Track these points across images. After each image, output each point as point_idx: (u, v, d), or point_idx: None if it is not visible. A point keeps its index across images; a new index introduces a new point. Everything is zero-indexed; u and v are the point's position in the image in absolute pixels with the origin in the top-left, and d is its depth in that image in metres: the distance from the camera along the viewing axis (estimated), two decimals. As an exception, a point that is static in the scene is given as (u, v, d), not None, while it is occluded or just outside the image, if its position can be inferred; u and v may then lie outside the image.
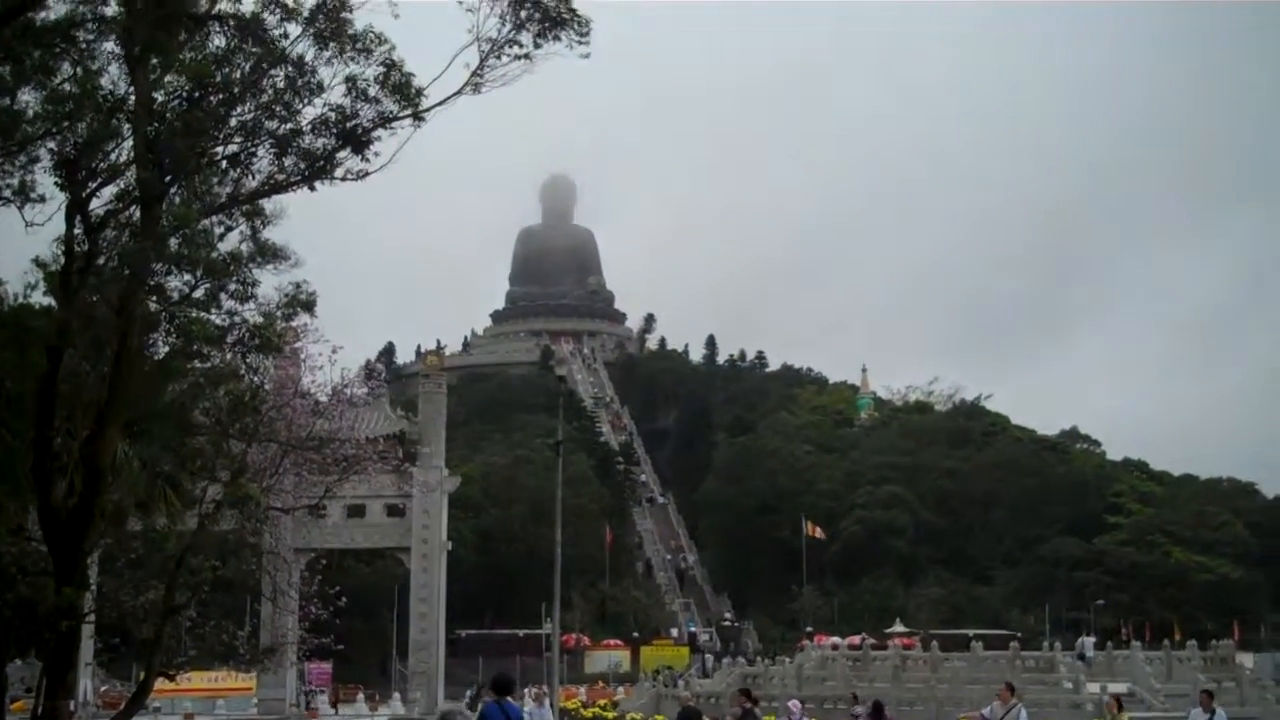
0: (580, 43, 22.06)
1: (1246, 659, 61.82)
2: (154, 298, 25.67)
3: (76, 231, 24.97)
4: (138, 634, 30.82)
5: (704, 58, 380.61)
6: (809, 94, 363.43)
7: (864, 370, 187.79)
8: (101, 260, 25.52)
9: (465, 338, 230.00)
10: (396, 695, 63.14)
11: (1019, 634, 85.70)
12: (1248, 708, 41.39)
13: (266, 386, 28.95)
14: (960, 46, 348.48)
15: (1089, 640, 65.53)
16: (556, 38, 21.82)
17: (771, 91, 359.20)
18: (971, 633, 77.30)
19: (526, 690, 34.50)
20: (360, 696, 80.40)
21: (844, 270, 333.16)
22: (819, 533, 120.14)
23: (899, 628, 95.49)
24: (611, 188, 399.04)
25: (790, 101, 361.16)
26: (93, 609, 29.65)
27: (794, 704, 28.21)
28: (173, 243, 24.65)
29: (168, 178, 23.98)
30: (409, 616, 48.04)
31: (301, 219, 28.41)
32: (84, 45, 22.94)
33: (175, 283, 25.82)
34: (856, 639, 72.25)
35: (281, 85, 23.80)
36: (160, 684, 34.59)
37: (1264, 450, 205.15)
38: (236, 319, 26.17)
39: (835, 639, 77.16)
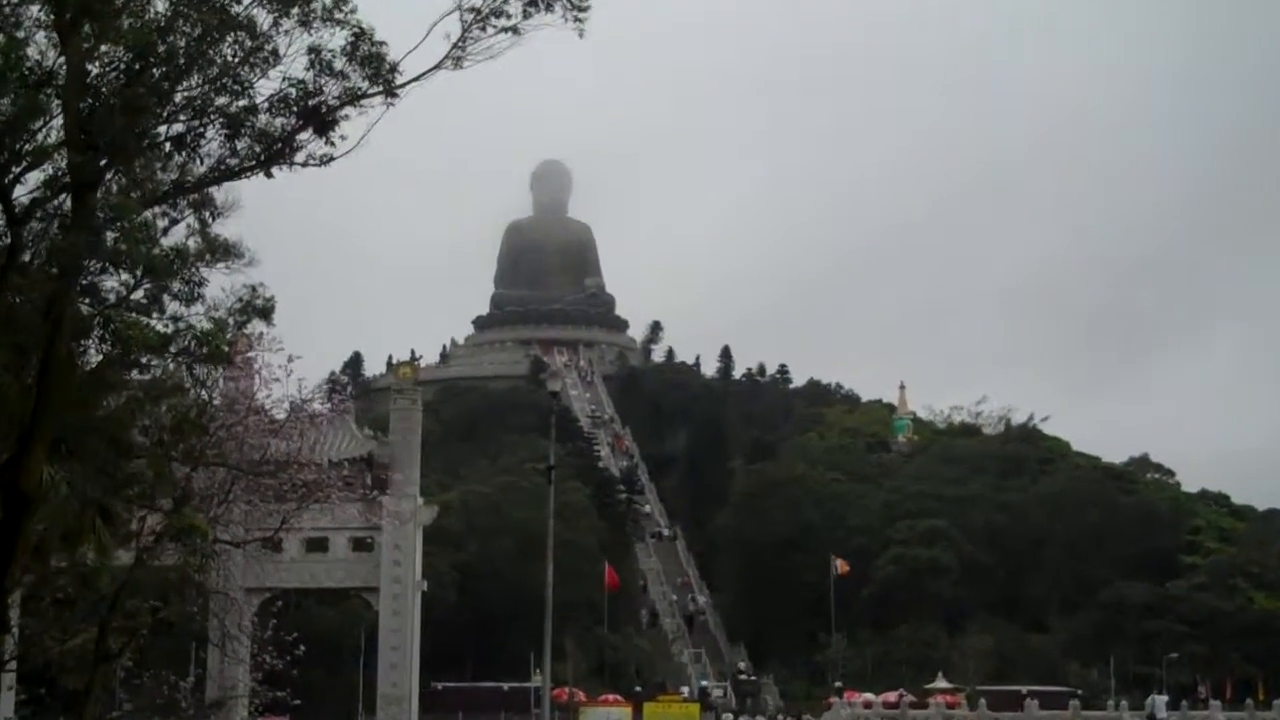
0: (578, 15, 22.06)
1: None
2: (87, 299, 25.70)
3: (-2, 223, 25.01)
4: (65, 684, 30.91)
5: (723, 30, 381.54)
6: (853, 76, 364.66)
7: (902, 387, 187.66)
8: (27, 256, 25.55)
9: (444, 347, 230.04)
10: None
11: (1079, 691, 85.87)
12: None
13: (215, 402, 29.02)
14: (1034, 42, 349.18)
15: (1160, 699, 65.54)
16: (549, 7, 21.84)
17: (805, 70, 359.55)
18: (1025, 689, 77.38)
19: None
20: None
21: (881, 275, 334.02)
22: (848, 570, 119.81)
23: (942, 683, 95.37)
24: (612, 177, 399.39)
25: (829, 85, 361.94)
26: (14, 655, 29.67)
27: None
28: (109, 236, 24.67)
29: (103, 162, 24.00)
30: (378, 667, 47.94)
31: (257, 211, 28.50)
32: (7, 10, 23.01)
33: (111, 282, 25.87)
34: (893, 696, 72.34)
35: (233, 56, 23.86)
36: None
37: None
38: (181, 325, 26.21)
39: (868, 696, 77.25)
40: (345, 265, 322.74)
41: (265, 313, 27.07)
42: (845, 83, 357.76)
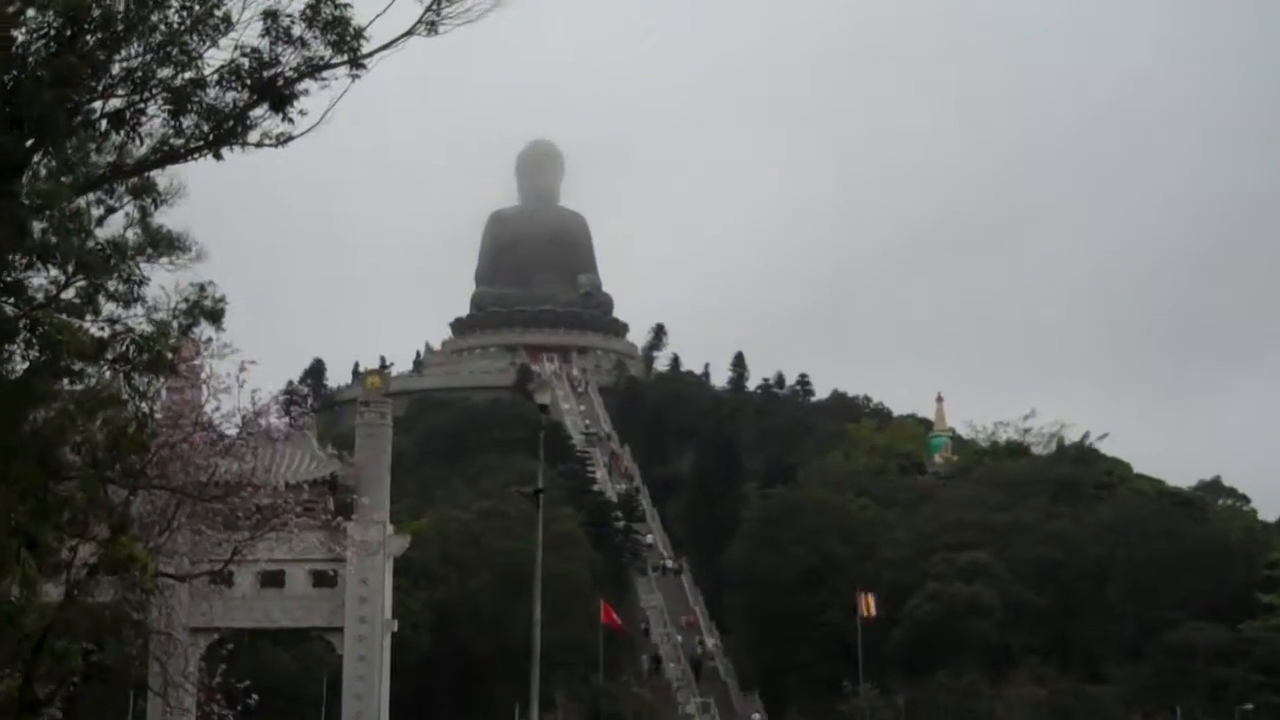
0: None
1: None
2: (11, 298, 25.71)
3: (-90, 211, 25.03)
4: (-15, 738, 30.90)
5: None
6: (894, 51, 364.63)
7: (939, 400, 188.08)
8: (-58, 249, 25.57)
9: (417, 354, 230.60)
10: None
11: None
12: None
13: (157, 415, 29.02)
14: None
15: (1233, 756, 65.66)
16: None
17: (843, 43, 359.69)
18: (1079, 745, 77.24)
19: None
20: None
21: (917, 277, 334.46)
22: (873, 609, 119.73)
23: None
24: (611, 161, 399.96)
25: (866, 62, 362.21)
26: (-73, 705, 29.68)
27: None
28: (36, 227, 24.69)
29: (30, 142, 24.02)
30: (341, 719, 47.99)
31: (205, 199, 28.54)
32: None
33: (39, 279, 25.91)
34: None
35: (179, 22, 23.88)
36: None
37: None
38: (119, 328, 26.24)
39: (901, 753, 77.20)
40: (306, 261, 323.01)
41: (214, 314, 27.10)
42: (885, 59, 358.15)
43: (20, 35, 23.37)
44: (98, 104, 24.71)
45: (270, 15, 23.62)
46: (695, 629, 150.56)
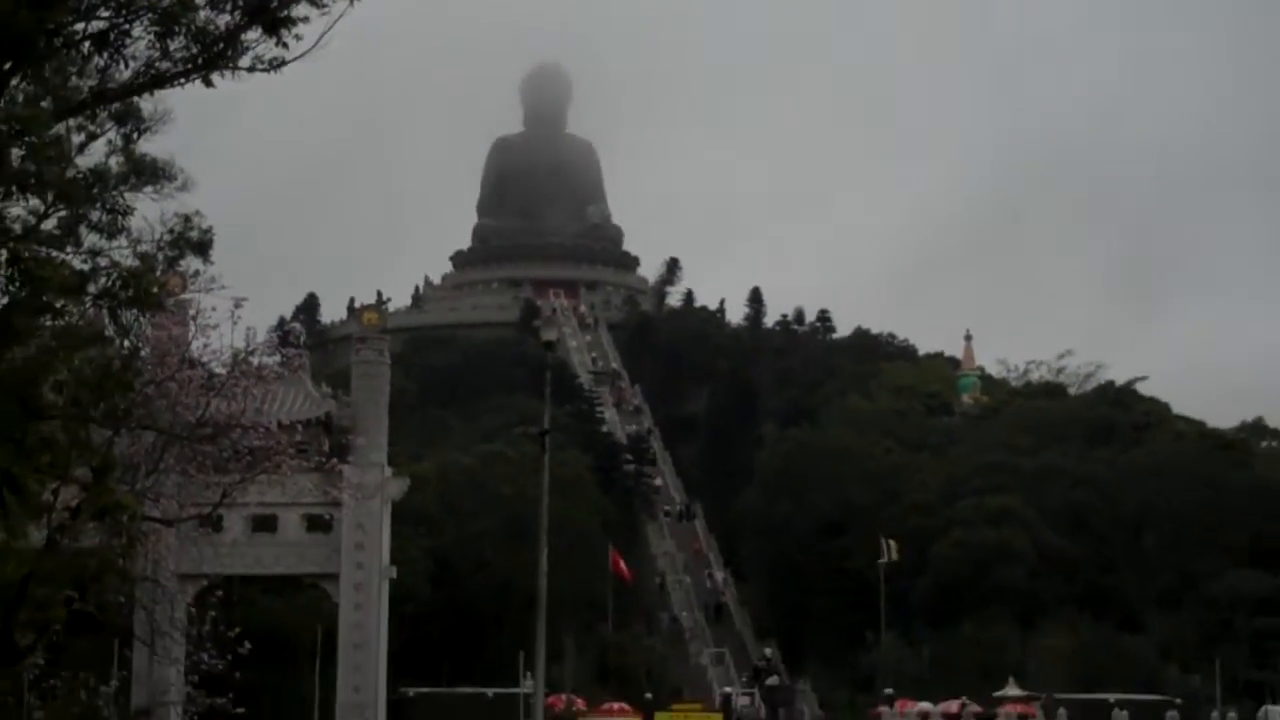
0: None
1: None
2: (-12, 230, 25.88)
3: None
4: (-35, 688, 31.26)
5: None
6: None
7: (968, 338, 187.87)
8: (-83, 178, 25.74)
9: (416, 288, 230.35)
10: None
11: (1178, 700, 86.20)
12: None
13: (143, 353, 29.22)
14: None
15: (1275, 709, 65.99)
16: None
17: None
18: (1113, 698, 77.73)
19: None
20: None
21: (940, 200, 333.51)
22: (897, 555, 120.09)
23: (1013, 690, 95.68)
24: (623, 84, 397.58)
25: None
26: (-95, 653, 30.02)
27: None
28: (14, 154, 24.83)
29: (7, 65, 24.12)
30: (337, 669, 48.37)
31: (191, 125, 28.66)
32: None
33: (17, 210, 26.08)
34: (954, 705, 72.76)
35: (164, -60, 23.93)
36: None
37: None
38: (102, 261, 26.41)
39: (925, 705, 77.73)
40: (299, 191, 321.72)
41: (202, 247, 27.25)
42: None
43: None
44: (80, 25, 24.78)
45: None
46: (704, 559, 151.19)
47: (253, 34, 25.41)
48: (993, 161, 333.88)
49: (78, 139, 26.50)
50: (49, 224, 26.06)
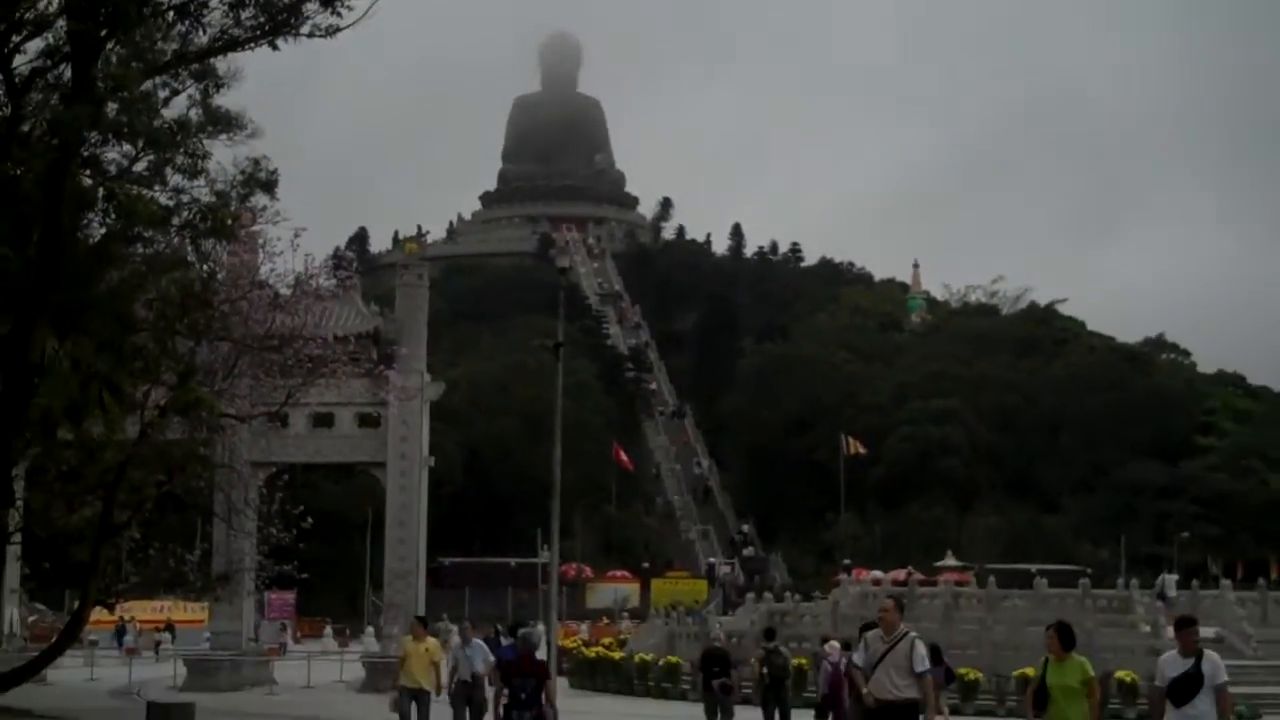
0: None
1: (1354, 602, 62.19)
2: (88, 171, 25.76)
3: (-2, 92, 25.01)
4: (71, 556, 31.32)
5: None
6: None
7: (916, 266, 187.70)
8: (27, 127, 25.58)
9: (450, 223, 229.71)
10: (369, 629, 64.01)
11: (1089, 570, 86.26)
12: (1354, 656, 41.82)
13: (219, 276, 29.17)
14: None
15: (1171, 578, 65.98)
16: None
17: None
18: (1035, 568, 77.89)
19: (454, 628, 34.60)
20: (327, 631, 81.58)
21: (893, 146, 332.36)
22: (859, 449, 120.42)
23: (951, 561, 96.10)
24: (626, 50, 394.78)
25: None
26: (19, 527, 30.09)
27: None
28: (110, 107, 24.67)
29: (104, 31, 23.92)
30: (385, 541, 48.45)
31: (260, 82, 28.48)
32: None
33: (113, 154, 25.97)
34: (902, 573, 72.95)
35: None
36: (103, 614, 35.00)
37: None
38: (184, 198, 26.33)
39: (877, 573, 78.03)
40: (351, 140, 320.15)
41: (268, 186, 27.16)
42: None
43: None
44: (164, -2, 24.64)
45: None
46: (692, 451, 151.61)
47: (312, 5, 25.26)
48: (961, 117, 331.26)
49: (163, 94, 26.35)
50: (139, 166, 25.95)
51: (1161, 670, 14.54)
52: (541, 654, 19.80)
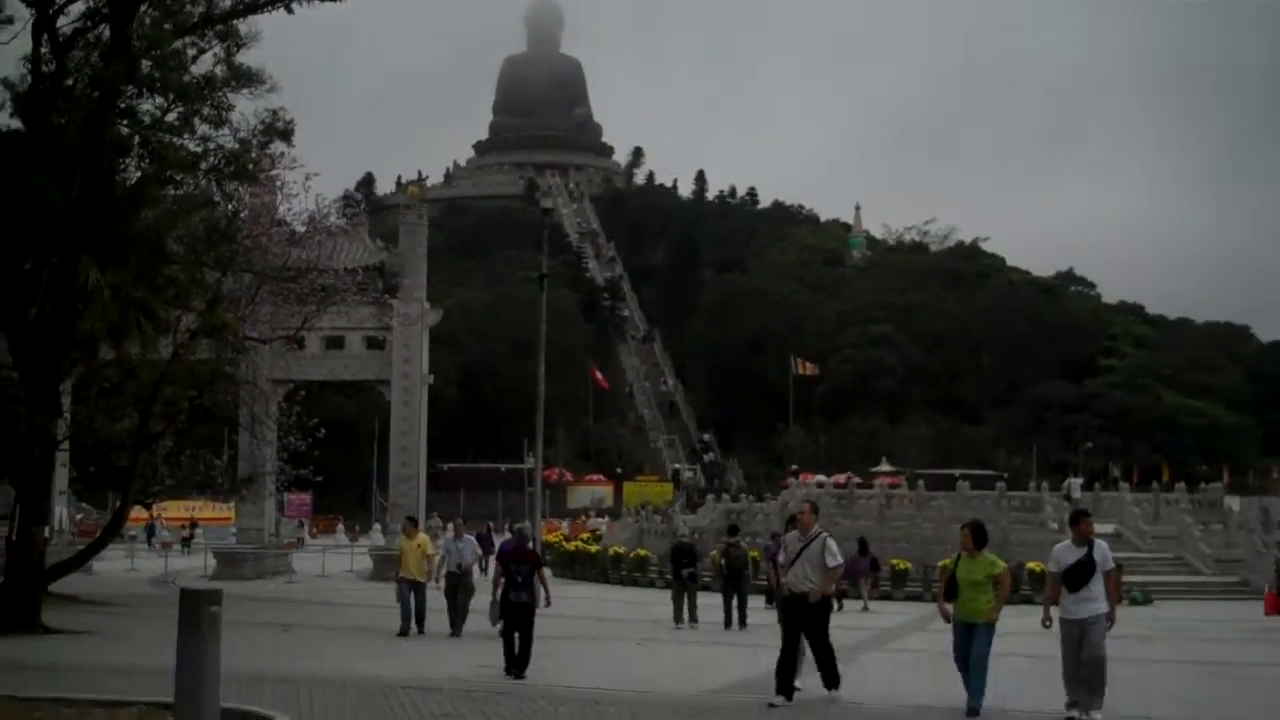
0: None
1: (1234, 503, 62.75)
2: (125, 121, 25.55)
3: (43, 51, 24.74)
4: (113, 462, 31.30)
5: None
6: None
7: (857, 209, 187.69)
8: (70, 81, 25.34)
9: (447, 170, 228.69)
10: (377, 526, 64.20)
11: (1005, 475, 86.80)
12: (1233, 550, 42.25)
13: (242, 214, 29.00)
14: None
15: (1076, 482, 66.63)
16: None
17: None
18: (958, 472, 78.12)
19: (448, 524, 34.69)
20: (340, 528, 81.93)
21: (842, 101, 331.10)
22: (810, 369, 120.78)
23: (885, 467, 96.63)
24: (603, 13, 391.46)
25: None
26: (67, 436, 30.04)
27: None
28: (144, 64, 24.44)
29: (137, -4, 23.63)
30: (390, 450, 48.42)
31: (276, 42, 28.19)
32: None
33: (147, 106, 25.75)
34: (842, 478, 73.29)
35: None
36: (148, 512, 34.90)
37: (1262, 294, 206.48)
38: (211, 145, 26.15)
39: (820, 477, 78.18)
40: (358, 96, 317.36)
41: (286, 134, 26.95)
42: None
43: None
44: (191, -35, 24.37)
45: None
46: (660, 371, 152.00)
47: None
48: (908, 73, 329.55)
49: (191, 53, 26.10)
50: (171, 117, 25.75)
51: (1057, 558, 14.50)
52: (533, 546, 20.20)
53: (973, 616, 14.70)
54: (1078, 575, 14.18)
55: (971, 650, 14.60)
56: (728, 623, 27.48)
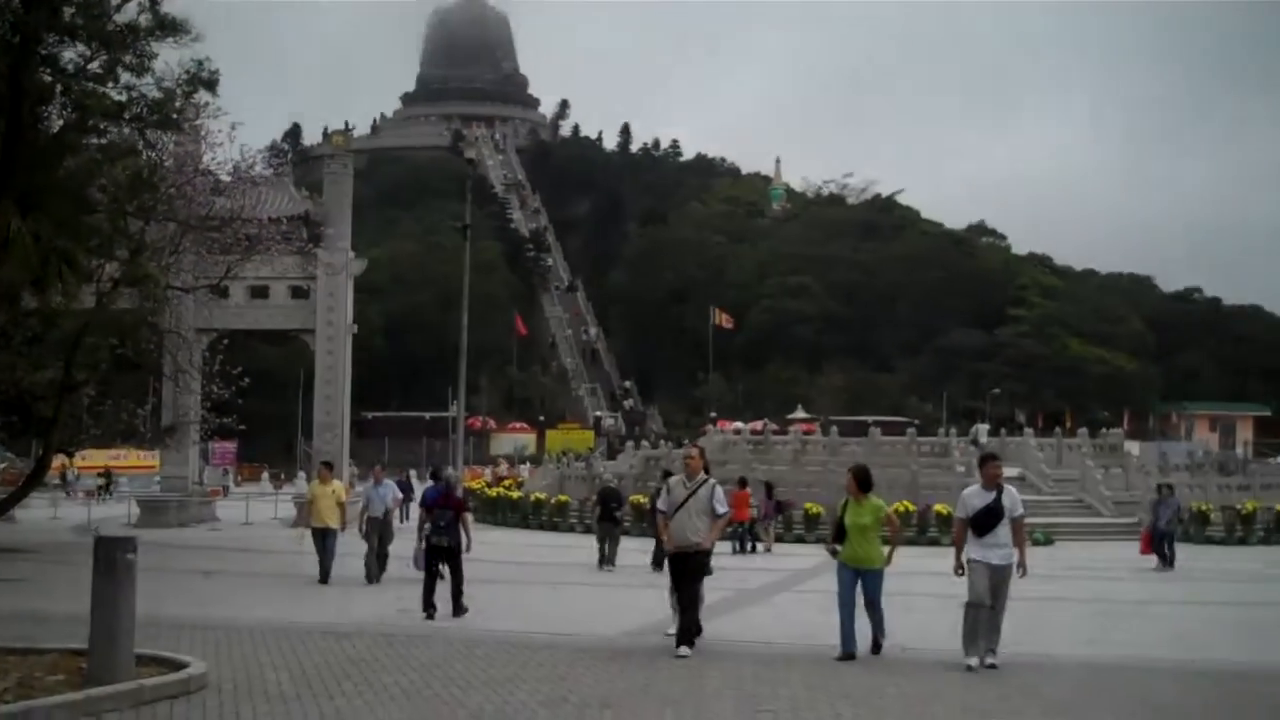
0: None
1: (1134, 447, 64.02)
2: (47, 69, 25.06)
3: (-39, -2, 24.16)
4: (36, 411, 30.90)
5: None
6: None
7: (778, 162, 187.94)
8: (-11, 29, 24.77)
9: (374, 121, 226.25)
10: (301, 475, 63.85)
11: (916, 421, 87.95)
12: (1133, 492, 43.07)
13: (166, 163, 28.58)
14: None
15: (983, 427, 67.57)
16: None
17: None
18: (870, 419, 79.02)
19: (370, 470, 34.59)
20: (265, 476, 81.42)
21: (768, 55, 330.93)
22: (728, 321, 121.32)
23: (801, 414, 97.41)
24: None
25: None
26: (-11, 385, 29.61)
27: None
28: (66, 11, 23.97)
29: (56, -58, 23.15)
30: (314, 399, 48.08)
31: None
32: None
33: (70, 54, 25.25)
34: (759, 424, 73.75)
35: None
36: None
37: (1164, 246, 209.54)
38: (134, 94, 25.70)
39: (738, 424, 78.69)
40: (288, 46, 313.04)
41: (210, 84, 26.56)
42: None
43: None
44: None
45: None
46: (582, 320, 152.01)
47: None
48: (834, 30, 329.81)
49: (115, 0, 25.62)
50: (94, 65, 25.29)
51: (965, 502, 14.23)
52: (459, 493, 20.28)
53: (860, 563, 14.67)
54: (986, 520, 13.93)
55: (865, 596, 14.58)
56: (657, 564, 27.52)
